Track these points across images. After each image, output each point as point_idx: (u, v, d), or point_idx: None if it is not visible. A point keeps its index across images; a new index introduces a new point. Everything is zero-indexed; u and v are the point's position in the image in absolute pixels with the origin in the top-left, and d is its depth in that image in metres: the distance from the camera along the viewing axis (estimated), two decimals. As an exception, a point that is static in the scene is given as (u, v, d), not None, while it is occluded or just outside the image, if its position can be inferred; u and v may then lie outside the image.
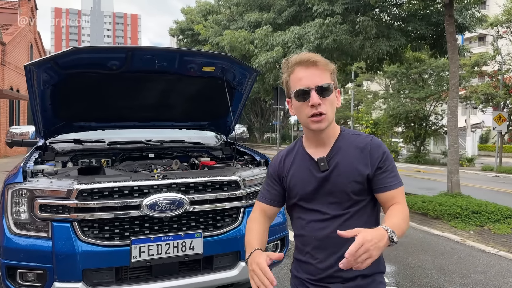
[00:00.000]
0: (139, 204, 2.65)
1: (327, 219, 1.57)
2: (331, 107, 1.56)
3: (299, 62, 1.57)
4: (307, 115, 1.55)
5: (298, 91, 1.55)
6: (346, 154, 1.59)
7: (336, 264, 1.47)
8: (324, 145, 1.62)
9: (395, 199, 1.57)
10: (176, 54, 3.26)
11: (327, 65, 1.58)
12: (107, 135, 3.93)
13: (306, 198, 1.61)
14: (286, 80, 1.62)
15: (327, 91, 1.54)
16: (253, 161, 3.64)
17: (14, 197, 2.66)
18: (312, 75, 1.54)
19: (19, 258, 2.60)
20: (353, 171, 1.56)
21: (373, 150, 1.58)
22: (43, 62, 2.88)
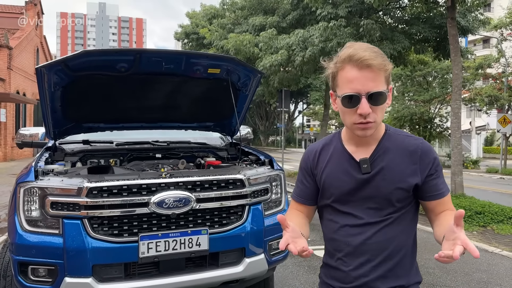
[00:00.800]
0: (147, 202, 2.73)
1: (363, 225, 1.44)
2: (381, 113, 1.39)
3: (350, 60, 1.35)
4: (353, 122, 1.39)
5: (346, 96, 1.36)
6: (393, 157, 1.44)
7: (371, 274, 1.41)
8: (367, 145, 1.47)
9: (446, 205, 1.47)
10: (182, 56, 3.35)
11: (383, 67, 1.36)
12: (115, 136, 4.02)
13: (341, 200, 1.48)
14: (333, 75, 1.42)
15: (380, 99, 1.36)
16: (257, 160, 3.71)
17: (26, 195, 2.74)
18: (364, 79, 1.33)
19: (31, 254, 2.67)
20: (400, 177, 1.42)
21: (424, 155, 1.44)
22: (54, 65, 2.98)
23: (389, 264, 1.42)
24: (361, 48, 1.36)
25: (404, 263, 1.45)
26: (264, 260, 3.09)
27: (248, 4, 17.34)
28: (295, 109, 51.22)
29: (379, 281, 1.42)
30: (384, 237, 1.42)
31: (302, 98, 47.86)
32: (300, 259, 5.24)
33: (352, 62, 1.34)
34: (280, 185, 3.37)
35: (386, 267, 1.42)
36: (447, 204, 1.48)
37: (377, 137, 1.48)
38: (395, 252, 1.43)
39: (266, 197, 3.19)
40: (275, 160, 3.53)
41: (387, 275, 1.42)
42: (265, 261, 3.09)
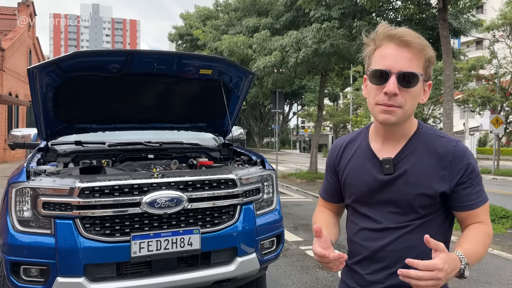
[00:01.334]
0: (139, 202, 2.74)
1: (382, 229, 1.34)
2: (411, 101, 1.26)
3: (390, 37, 1.26)
4: (376, 102, 1.27)
5: (375, 70, 1.26)
6: (420, 159, 1.31)
7: (386, 281, 1.33)
8: (395, 142, 1.35)
9: (478, 218, 1.32)
10: (174, 57, 3.37)
11: (424, 49, 1.26)
12: (107, 136, 4.03)
13: (361, 201, 1.40)
14: (369, 54, 1.33)
15: (412, 82, 1.24)
16: (249, 161, 3.74)
17: (17, 195, 2.74)
18: (399, 57, 1.24)
19: (23, 255, 2.68)
20: (425, 183, 1.29)
21: (456, 160, 1.29)
22: (46, 66, 2.99)
23: None
24: (402, 28, 1.29)
25: None
26: (256, 260, 3.11)
27: (242, 5, 17.38)
28: (290, 111, 51.32)
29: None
30: (404, 244, 1.31)
31: (296, 99, 47.99)
32: (292, 259, 5.26)
33: (391, 39, 1.26)
34: (271, 185, 3.39)
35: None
36: (479, 216, 1.32)
37: (407, 135, 1.34)
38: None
39: (257, 197, 3.21)
40: (267, 161, 3.56)
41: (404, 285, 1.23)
42: (257, 260, 3.12)
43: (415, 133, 1.35)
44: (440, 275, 1.07)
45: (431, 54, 1.28)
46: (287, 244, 5.98)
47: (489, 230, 1.33)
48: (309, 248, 5.46)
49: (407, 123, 1.32)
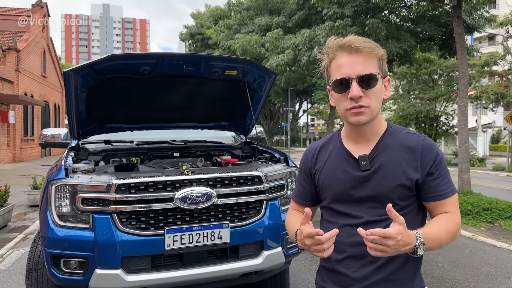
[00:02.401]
0: (171, 197, 2.88)
1: (364, 223, 1.36)
2: (376, 99, 1.36)
3: (340, 47, 1.36)
4: (345, 108, 1.36)
5: (336, 81, 1.36)
6: (393, 153, 1.39)
7: (373, 276, 1.36)
8: (367, 142, 1.43)
9: (446, 208, 1.39)
10: (202, 59, 3.50)
11: (374, 51, 1.36)
12: (135, 135, 4.18)
13: (340, 200, 1.43)
14: (326, 66, 1.43)
15: (372, 82, 1.34)
16: (272, 158, 3.86)
17: (57, 192, 2.90)
18: (354, 63, 1.33)
19: (63, 248, 2.83)
20: (400, 174, 1.36)
21: (425, 152, 1.37)
22: (81, 68, 3.14)
23: (391, 267, 1.36)
24: (351, 36, 1.39)
25: (408, 267, 1.38)
26: (281, 253, 3.23)
27: (254, 4, 17.49)
28: (300, 108, 51.30)
29: (381, 285, 1.36)
30: None
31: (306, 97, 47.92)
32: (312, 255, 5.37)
33: (342, 48, 1.36)
34: (295, 182, 3.51)
35: (388, 270, 1.36)
36: (447, 206, 1.39)
37: (378, 134, 1.43)
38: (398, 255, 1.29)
39: (282, 193, 3.33)
40: (290, 158, 3.68)
41: (389, 279, 1.36)
42: (282, 254, 3.23)
43: (386, 131, 1.44)
44: (389, 243, 1.16)
45: (381, 53, 1.38)
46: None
47: (455, 218, 1.38)
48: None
49: (376, 122, 1.42)
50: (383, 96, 1.41)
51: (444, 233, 1.33)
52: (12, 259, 5.30)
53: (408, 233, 1.20)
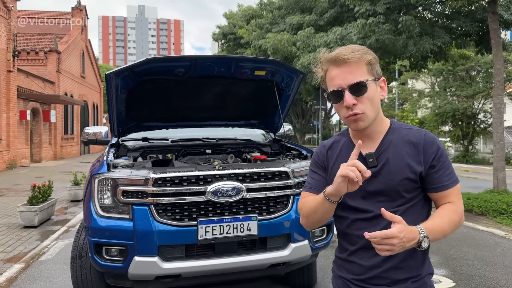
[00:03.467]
0: (204, 191, 3.08)
1: (374, 217, 1.46)
2: (370, 104, 1.44)
3: (329, 61, 1.46)
4: (344, 116, 1.48)
5: (331, 92, 1.47)
6: (397, 149, 1.47)
7: (384, 264, 1.45)
8: (372, 140, 1.51)
9: (449, 198, 1.47)
10: (232, 61, 3.70)
11: (360, 58, 1.44)
12: (170, 133, 4.43)
13: (351, 195, 1.46)
14: (322, 79, 1.53)
15: (362, 88, 1.42)
16: (300, 155, 4.00)
17: (99, 185, 3.15)
18: (343, 74, 1.43)
19: (105, 236, 3.07)
20: (405, 168, 1.44)
21: (427, 146, 1.45)
22: (122, 71, 3.40)
23: (401, 255, 1.41)
24: (337, 50, 1.46)
25: (417, 254, 1.46)
26: (308, 246, 3.37)
27: (285, 3, 17.59)
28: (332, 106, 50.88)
29: (391, 272, 1.45)
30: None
31: (339, 95, 47.45)
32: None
33: (331, 61, 1.45)
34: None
35: (398, 258, 1.43)
36: (450, 197, 1.47)
37: (382, 131, 1.52)
38: None
39: (309, 188, 3.46)
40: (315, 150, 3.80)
41: (399, 266, 1.45)
42: (308, 247, 3.37)
43: (389, 129, 1.52)
44: (394, 242, 1.24)
45: (369, 58, 1.46)
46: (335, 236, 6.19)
47: (457, 208, 1.46)
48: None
49: (379, 122, 1.50)
50: (380, 97, 1.49)
51: (446, 224, 1.41)
52: (56, 249, 5.67)
53: (410, 229, 1.29)
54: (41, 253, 5.49)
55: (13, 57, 17.15)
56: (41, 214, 6.91)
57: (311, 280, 4.03)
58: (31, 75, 20.50)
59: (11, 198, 9.78)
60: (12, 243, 5.88)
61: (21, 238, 6.13)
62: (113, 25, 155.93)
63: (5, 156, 16.66)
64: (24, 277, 4.61)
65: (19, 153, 18.20)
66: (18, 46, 20.24)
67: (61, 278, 4.52)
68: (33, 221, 6.74)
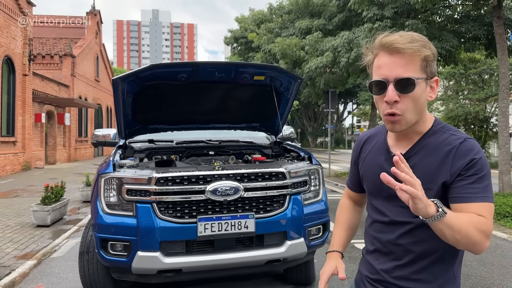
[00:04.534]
0: (203, 190, 3.25)
1: (392, 223, 1.38)
2: (413, 105, 1.28)
3: (382, 46, 1.30)
4: (382, 112, 1.32)
5: (373, 82, 1.31)
6: (429, 155, 1.32)
7: (394, 272, 1.39)
8: (408, 139, 1.38)
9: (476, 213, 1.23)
10: (232, 66, 3.89)
11: (417, 51, 1.26)
12: (174, 135, 4.63)
13: (373, 194, 1.46)
14: (369, 64, 1.37)
15: (410, 86, 1.26)
16: (298, 157, 4.16)
17: (106, 184, 3.34)
18: (393, 65, 1.27)
19: (110, 232, 3.25)
20: (430, 177, 1.29)
21: (459, 155, 1.28)
22: (128, 76, 3.60)
23: (415, 267, 1.35)
24: (397, 34, 1.30)
25: (435, 269, 1.34)
26: (304, 244, 3.51)
27: (295, 8, 17.76)
28: (344, 110, 50.85)
29: (401, 281, 1.37)
30: (413, 238, 1.34)
31: (351, 98, 47.46)
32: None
33: (384, 47, 1.29)
34: (318, 178, 3.78)
35: (412, 269, 1.35)
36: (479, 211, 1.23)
37: (421, 132, 1.37)
38: (423, 256, 1.33)
39: (305, 188, 3.62)
40: (314, 156, 3.95)
41: (411, 277, 1.36)
42: (304, 245, 3.52)
43: (429, 130, 1.36)
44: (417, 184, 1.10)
45: (426, 53, 1.28)
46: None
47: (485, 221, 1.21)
48: (357, 242, 5.77)
49: (419, 122, 1.34)
50: (428, 98, 1.33)
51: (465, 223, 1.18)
52: (67, 247, 5.90)
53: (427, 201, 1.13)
54: (52, 250, 5.72)
55: (29, 61, 17.60)
56: (54, 214, 7.15)
57: (309, 277, 4.17)
58: (46, 79, 20.97)
59: (25, 198, 10.09)
60: (25, 241, 6.12)
61: (34, 237, 6.37)
62: (128, 29, 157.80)
63: (21, 158, 17.09)
64: (36, 272, 4.84)
65: (34, 155, 18.64)
66: (34, 50, 20.79)
67: (71, 274, 4.73)
68: (45, 220, 6.99)
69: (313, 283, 4.29)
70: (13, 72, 16.68)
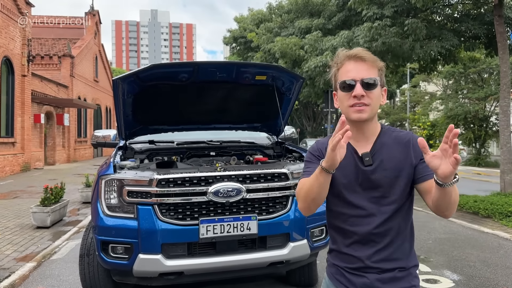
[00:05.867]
0: (205, 191, 3.20)
1: (368, 215, 1.57)
2: (375, 101, 1.59)
3: (348, 56, 1.61)
4: (348, 105, 1.58)
5: (343, 82, 1.59)
6: (390, 149, 1.61)
7: (374, 256, 1.57)
8: (366, 140, 1.63)
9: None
10: (233, 66, 3.84)
11: (375, 62, 1.62)
12: (175, 136, 4.58)
13: (349, 189, 1.60)
14: (334, 74, 1.66)
15: (372, 86, 1.57)
16: (300, 157, 4.11)
17: (106, 185, 3.29)
18: (359, 69, 1.58)
19: (111, 235, 3.21)
20: (399, 166, 1.57)
21: (414, 145, 1.59)
22: (128, 76, 3.55)
23: (391, 249, 1.57)
24: (356, 49, 1.64)
25: (404, 247, 1.60)
26: (307, 245, 3.47)
27: (295, 7, 17.71)
28: (343, 109, 50.69)
29: (381, 263, 1.56)
30: (388, 225, 1.56)
31: (350, 98, 47.29)
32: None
33: (349, 58, 1.60)
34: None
35: (388, 251, 1.56)
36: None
37: (375, 133, 1.65)
38: (396, 238, 1.57)
39: (308, 189, 3.57)
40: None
41: (388, 258, 1.57)
42: (307, 246, 3.47)
43: (381, 131, 1.66)
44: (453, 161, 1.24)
45: (381, 65, 1.64)
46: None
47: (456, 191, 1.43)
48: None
49: (374, 124, 1.64)
50: (381, 102, 1.64)
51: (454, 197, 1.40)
52: (67, 249, 5.85)
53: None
54: (52, 252, 5.67)
55: (28, 62, 17.55)
56: (53, 215, 7.11)
57: (311, 279, 4.13)
58: (45, 79, 20.91)
59: (24, 200, 10.04)
60: (24, 243, 6.08)
61: (34, 238, 6.33)
62: (126, 29, 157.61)
63: (20, 159, 17.03)
64: (36, 275, 4.79)
65: (33, 156, 18.58)
66: (33, 50, 20.70)
67: (71, 276, 4.69)
68: (45, 221, 6.94)
69: (315, 285, 4.25)
70: (12, 72, 16.62)
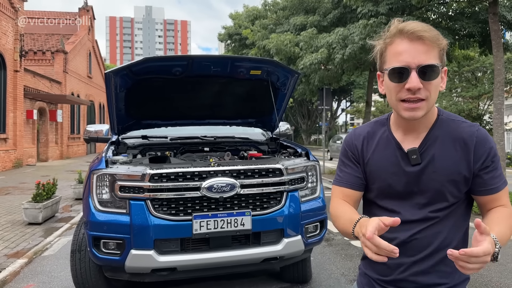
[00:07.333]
0: (199, 187, 3.17)
1: (409, 222, 1.32)
2: (434, 92, 1.25)
3: (401, 32, 1.24)
4: (399, 98, 1.26)
5: (394, 69, 1.24)
6: (445, 145, 1.31)
7: (412, 268, 1.34)
8: (417, 132, 1.34)
9: (500, 201, 1.32)
10: (228, 60, 3.80)
11: (437, 40, 1.23)
12: (169, 131, 4.53)
13: (387, 194, 1.37)
14: (381, 51, 1.31)
15: (433, 73, 1.23)
16: (295, 153, 4.09)
17: (98, 180, 3.25)
18: (415, 51, 1.22)
19: (103, 230, 3.16)
20: (453, 168, 1.29)
21: (479, 144, 1.28)
22: (120, 70, 3.50)
23: (432, 260, 1.33)
24: (413, 22, 1.26)
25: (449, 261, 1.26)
26: (301, 241, 3.45)
27: (290, 4, 17.68)
28: (338, 107, 50.83)
29: (419, 276, 1.34)
30: (430, 233, 1.32)
31: (345, 95, 47.44)
32: (337, 248, 5.55)
33: (403, 34, 1.23)
34: (315, 175, 3.72)
35: (429, 263, 1.33)
36: (501, 199, 1.32)
37: (428, 123, 1.33)
38: (440, 248, 1.31)
39: (302, 185, 3.55)
40: (311, 152, 3.88)
41: (429, 271, 1.34)
42: (301, 242, 3.45)
43: (436, 120, 1.34)
44: (488, 259, 1.04)
45: (444, 43, 1.27)
46: (333, 234, 6.27)
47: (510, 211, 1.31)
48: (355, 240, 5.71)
49: (429, 114, 1.31)
50: (440, 88, 1.30)
51: (508, 230, 1.25)
52: (59, 245, 5.79)
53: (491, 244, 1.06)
54: (44, 249, 5.61)
55: (20, 57, 17.36)
56: (45, 211, 7.04)
57: (305, 275, 4.11)
58: (38, 75, 20.72)
59: (16, 196, 9.94)
60: (16, 239, 6.00)
61: (25, 235, 6.26)
62: (120, 25, 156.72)
63: (12, 155, 16.87)
64: (27, 271, 4.73)
65: (25, 152, 18.42)
66: (25, 46, 20.51)
67: (63, 272, 4.63)
68: (37, 218, 6.87)
69: (309, 281, 4.23)
70: (4, 68, 16.44)
